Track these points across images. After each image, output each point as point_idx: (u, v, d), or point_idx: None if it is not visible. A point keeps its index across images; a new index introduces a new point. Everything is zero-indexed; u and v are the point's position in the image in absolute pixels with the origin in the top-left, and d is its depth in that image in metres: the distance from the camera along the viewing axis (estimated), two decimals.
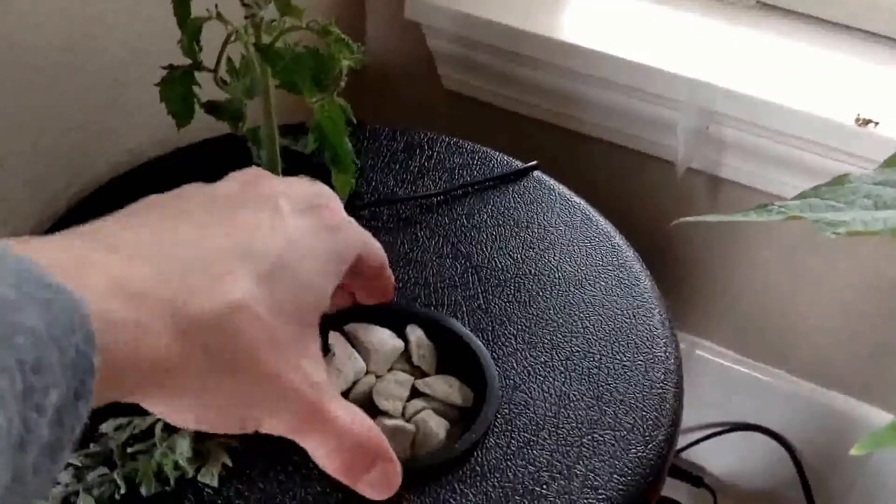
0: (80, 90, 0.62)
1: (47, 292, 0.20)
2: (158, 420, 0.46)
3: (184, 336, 0.24)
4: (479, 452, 0.48)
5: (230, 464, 0.47)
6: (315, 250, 0.28)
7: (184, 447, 0.45)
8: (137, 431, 0.47)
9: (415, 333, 0.53)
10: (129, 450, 0.46)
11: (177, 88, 0.56)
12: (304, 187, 0.31)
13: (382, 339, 0.52)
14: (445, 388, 0.51)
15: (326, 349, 0.50)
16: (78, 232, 0.25)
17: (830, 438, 0.95)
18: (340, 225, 0.30)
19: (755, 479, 1.02)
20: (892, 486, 0.92)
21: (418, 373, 0.52)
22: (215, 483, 0.46)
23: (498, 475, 0.47)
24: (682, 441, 1.03)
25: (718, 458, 1.02)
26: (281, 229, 0.28)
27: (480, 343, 0.53)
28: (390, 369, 0.51)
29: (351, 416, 0.27)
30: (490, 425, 0.49)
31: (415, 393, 0.51)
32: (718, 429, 1.00)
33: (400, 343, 0.52)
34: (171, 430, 0.46)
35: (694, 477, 1.01)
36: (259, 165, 0.60)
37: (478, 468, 0.47)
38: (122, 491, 0.45)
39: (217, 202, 0.29)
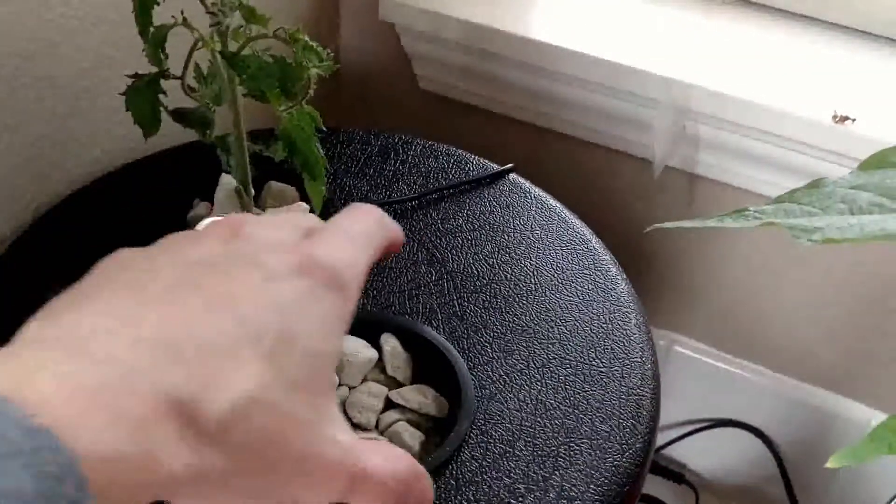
0: (42, 99, 0.60)
1: (32, 440, 0.18)
2: None
3: (200, 446, 0.22)
4: (454, 465, 0.48)
5: None
6: (316, 314, 0.26)
7: None
8: None
9: (389, 343, 0.52)
10: None
11: (143, 97, 0.54)
12: (293, 236, 0.28)
13: (356, 349, 0.51)
14: (420, 398, 0.50)
15: None
16: (42, 338, 0.22)
17: (811, 433, 0.95)
18: (337, 280, 0.27)
19: (737, 475, 1.02)
20: (873, 479, 0.93)
21: (393, 383, 0.51)
22: None
23: (473, 488, 0.47)
24: (663, 438, 1.03)
25: (700, 454, 1.02)
26: (275, 295, 0.25)
27: (456, 352, 0.52)
28: (364, 380, 0.51)
29: (383, 458, 0.26)
30: (464, 439, 0.49)
31: (389, 404, 0.50)
32: (699, 425, 1.00)
33: (374, 353, 0.51)
34: None
35: (675, 474, 1.01)
36: (229, 173, 0.60)
37: (452, 482, 0.47)
38: None
39: (198, 268, 0.25)
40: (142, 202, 0.63)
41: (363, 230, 0.29)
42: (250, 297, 0.25)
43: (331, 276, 0.27)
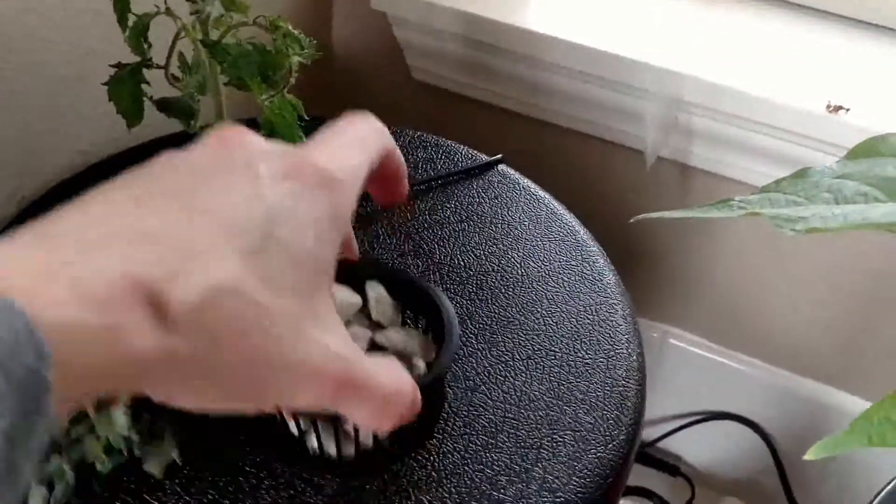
0: (26, 90, 0.60)
1: None
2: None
3: (167, 330, 0.22)
4: (436, 457, 0.47)
5: (179, 461, 0.45)
6: (305, 216, 0.25)
7: (121, 421, 0.44)
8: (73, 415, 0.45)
9: (374, 290, 0.50)
10: (73, 435, 0.45)
11: (126, 87, 0.54)
12: (286, 146, 0.28)
13: (339, 295, 0.49)
14: (404, 339, 0.48)
15: None
16: (29, 229, 0.22)
17: (805, 426, 0.95)
18: (329, 180, 0.27)
19: (731, 468, 1.02)
20: (866, 472, 0.92)
21: (378, 329, 0.49)
22: (160, 474, 0.45)
23: (455, 480, 0.46)
24: (657, 431, 1.02)
25: (694, 447, 1.02)
26: (262, 198, 0.25)
27: (444, 296, 0.49)
28: (348, 324, 0.49)
29: (375, 370, 0.26)
30: (447, 369, 0.48)
31: (374, 348, 0.48)
32: (694, 418, 1.00)
33: (358, 299, 0.49)
34: (102, 405, 0.45)
35: (671, 466, 1.00)
36: None
37: (434, 473, 0.46)
38: (73, 478, 0.44)
39: (188, 174, 0.25)
40: None
41: (358, 134, 0.29)
42: (236, 199, 0.25)
43: (323, 178, 0.26)
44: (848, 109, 0.74)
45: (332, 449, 0.46)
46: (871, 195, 0.44)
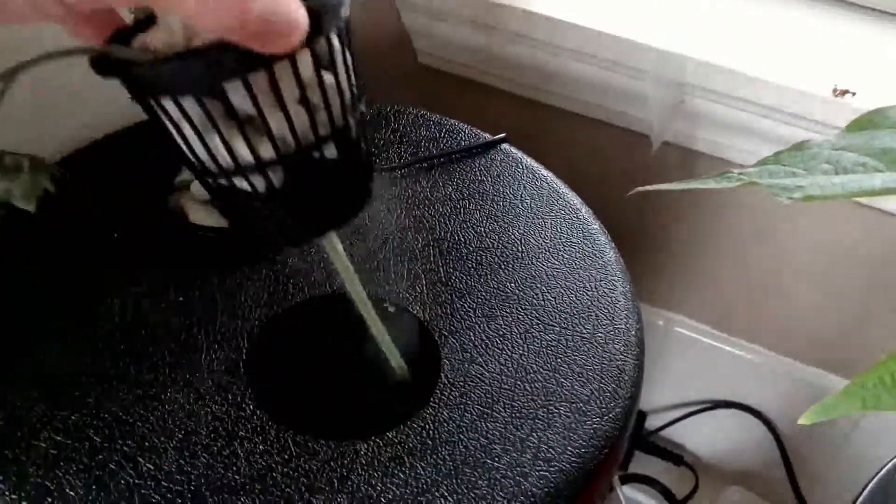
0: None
1: None
2: None
3: None
4: (431, 425, 0.47)
5: (52, 189, 0.45)
6: None
7: None
8: None
9: None
10: None
11: None
12: None
13: None
14: None
15: None
16: None
17: None
18: None
19: (736, 457, 1.01)
20: (872, 460, 0.91)
21: None
22: (33, 209, 0.44)
23: (449, 448, 0.46)
24: (661, 419, 1.02)
25: (699, 436, 1.02)
26: None
27: None
28: None
29: None
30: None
31: None
32: (698, 407, 0.99)
33: None
34: None
35: (674, 455, 1.00)
36: None
37: (429, 441, 0.46)
38: None
39: None
40: (130, 168, 0.63)
41: None
42: None
43: None
44: (854, 93, 0.74)
45: (244, 151, 0.34)
46: (871, 165, 0.44)
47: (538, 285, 0.57)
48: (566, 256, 0.59)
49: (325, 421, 0.48)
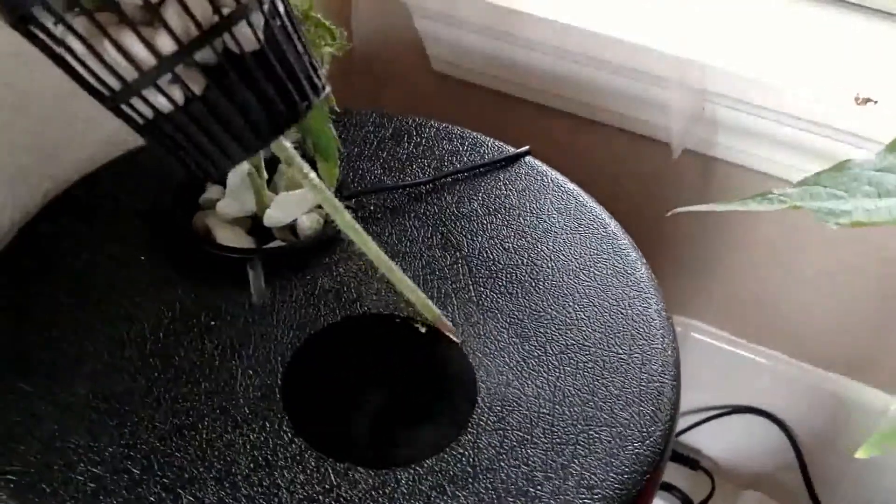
0: (49, 78, 0.59)
1: None
2: None
3: None
4: (471, 452, 0.47)
5: None
6: None
7: None
8: None
9: None
10: None
11: None
12: None
13: None
14: None
15: None
16: None
17: (827, 420, 0.94)
18: None
19: (753, 462, 1.01)
20: (889, 466, 0.92)
21: None
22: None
23: (490, 476, 0.46)
24: (679, 425, 1.02)
25: (716, 441, 1.02)
26: None
27: None
28: None
29: None
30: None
31: None
32: (715, 412, 0.99)
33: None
34: None
35: (691, 460, 1.00)
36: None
37: (469, 469, 0.46)
38: None
39: None
40: (154, 185, 0.62)
41: None
42: None
43: None
44: (876, 101, 0.73)
45: (141, 51, 0.32)
46: None
47: (571, 303, 0.56)
48: (597, 273, 0.58)
49: (364, 448, 0.47)
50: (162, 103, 0.32)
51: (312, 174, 0.43)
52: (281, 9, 0.34)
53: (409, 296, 0.44)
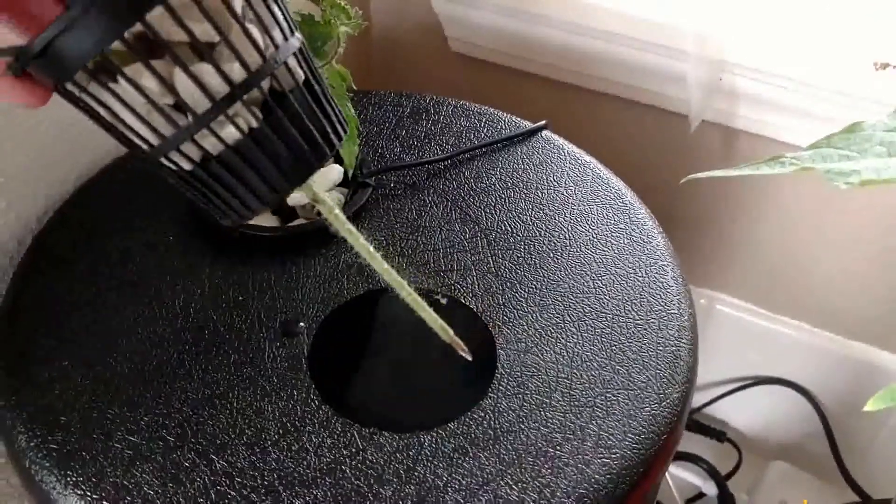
0: None
1: None
2: None
3: None
4: (492, 415, 0.48)
5: None
6: None
7: None
8: None
9: None
10: None
11: None
12: None
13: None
14: None
15: None
16: None
17: (853, 389, 0.94)
18: None
19: (779, 433, 1.02)
20: None
21: None
22: None
23: (511, 437, 0.47)
24: (704, 397, 1.02)
25: (742, 412, 1.02)
26: None
27: None
28: None
29: None
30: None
31: None
32: (741, 383, 1.00)
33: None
34: None
35: (717, 432, 1.00)
36: None
37: (490, 431, 0.47)
38: None
39: None
40: None
41: None
42: None
43: None
44: (895, 66, 0.73)
45: (213, 81, 0.31)
46: None
47: (588, 273, 0.57)
48: (614, 243, 0.59)
49: (388, 413, 0.49)
50: (208, 144, 0.32)
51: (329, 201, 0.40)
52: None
53: (424, 316, 0.44)
